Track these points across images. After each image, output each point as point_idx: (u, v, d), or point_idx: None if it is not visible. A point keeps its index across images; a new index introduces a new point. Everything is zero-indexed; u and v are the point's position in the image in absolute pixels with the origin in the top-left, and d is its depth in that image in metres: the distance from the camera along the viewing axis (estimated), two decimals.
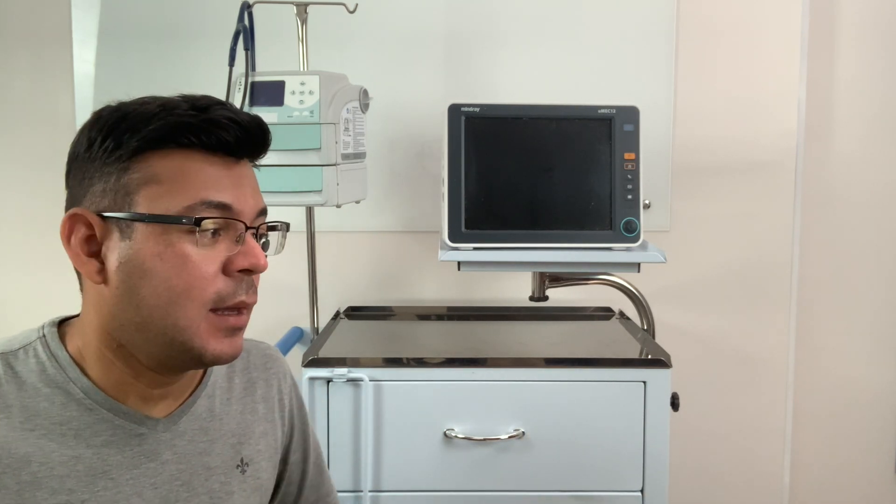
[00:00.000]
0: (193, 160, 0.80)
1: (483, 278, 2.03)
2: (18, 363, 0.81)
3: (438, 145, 1.71)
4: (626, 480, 1.54)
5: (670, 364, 1.53)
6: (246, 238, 0.81)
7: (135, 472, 0.83)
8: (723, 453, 2.09)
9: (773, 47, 2.00)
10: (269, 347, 1.04)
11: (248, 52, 1.61)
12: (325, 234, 1.95)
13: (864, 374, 2.11)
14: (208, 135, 0.80)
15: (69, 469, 0.79)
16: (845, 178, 2.07)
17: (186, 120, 0.79)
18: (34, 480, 0.77)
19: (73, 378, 0.81)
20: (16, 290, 2.06)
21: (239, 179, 0.83)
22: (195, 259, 0.78)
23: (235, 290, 0.81)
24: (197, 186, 0.79)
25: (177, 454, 0.87)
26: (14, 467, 0.77)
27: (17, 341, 0.83)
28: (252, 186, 0.85)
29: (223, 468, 0.91)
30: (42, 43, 2.00)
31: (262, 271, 0.82)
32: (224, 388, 0.95)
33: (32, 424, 0.79)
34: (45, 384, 0.80)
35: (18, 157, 2.03)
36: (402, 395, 1.52)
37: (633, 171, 1.59)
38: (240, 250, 0.81)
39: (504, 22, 1.98)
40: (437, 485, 1.54)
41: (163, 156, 0.79)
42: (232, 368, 0.97)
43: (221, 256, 0.80)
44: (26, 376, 0.80)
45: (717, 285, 2.05)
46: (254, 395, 0.98)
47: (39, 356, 0.82)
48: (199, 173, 0.80)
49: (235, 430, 0.94)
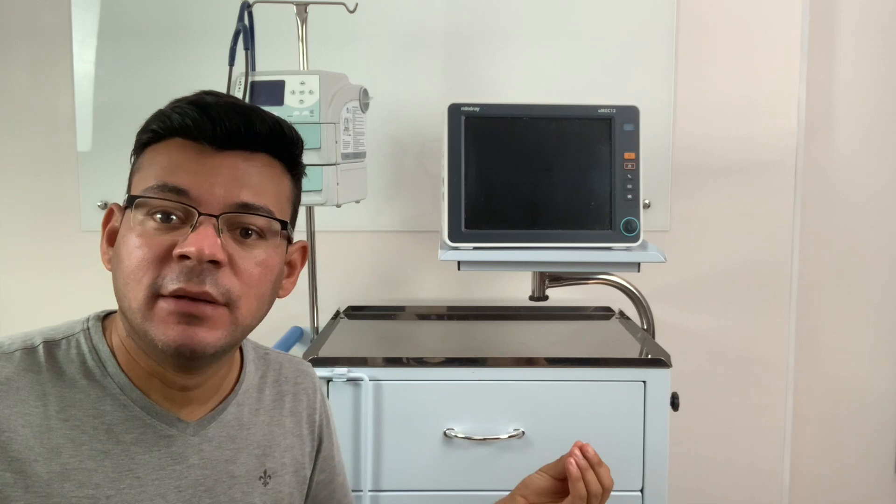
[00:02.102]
0: (171, 149, 0.81)
1: (483, 278, 2.03)
2: (60, 353, 0.82)
3: (438, 145, 1.72)
4: (626, 480, 1.54)
5: (670, 364, 1.53)
6: (199, 225, 0.78)
7: (161, 472, 0.83)
8: (723, 453, 2.09)
9: (773, 47, 2.00)
10: (302, 363, 1.04)
11: (248, 51, 1.61)
12: (325, 233, 1.95)
13: (864, 374, 2.12)
14: (164, 119, 0.81)
15: (97, 464, 0.79)
16: (845, 178, 2.07)
17: (162, 110, 0.82)
18: (64, 471, 0.78)
19: (111, 373, 0.82)
20: (16, 290, 2.06)
21: (214, 168, 0.80)
22: (140, 241, 0.78)
23: (177, 275, 0.77)
24: (159, 172, 0.80)
25: (203, 459, 0.87)
26: (46, 456, 0.77)
27: (60, 331, 0.85)
28: (231, 177, 0.80)
29: (246, 478, 0.91)
30: (42, 42, 2.00)
31: (201, 260, 0.76)
32: (254, 399, 0.94)
33: (67, 415, 0.79)
34: (83, 376, 0.82)
35: (18, 156, 2.03)
36: (402, 394, 1.52)
37: (633, 170, 1.59)
38: (188, 236, 0.77)
39: (504, 21, 1.98)
40: (437, 485, 1.54)
41: (154, 148, 0.82)
42: (264, 380, 0.97)
43: (172, 241, 0.78)
44: (66, 367, 0.82)
45: (717, 285, 2.05)
46: (282, 408, 0.98)
47: (81, 348, 0.83)
48: (167, 159, 0.80)
49: (261, 441, 0.93)
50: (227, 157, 0.81)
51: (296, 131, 0.87)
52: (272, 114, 0.85)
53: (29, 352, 0.81)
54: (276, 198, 0.84)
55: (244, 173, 0.81)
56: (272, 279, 0.84)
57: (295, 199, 0.90)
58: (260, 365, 0.98)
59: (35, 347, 0.82)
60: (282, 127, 0.85)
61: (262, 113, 0.84)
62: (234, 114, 0.81)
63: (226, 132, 0.80)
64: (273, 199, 0.84)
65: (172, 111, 0.81)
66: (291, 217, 0.89)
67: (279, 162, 0.86)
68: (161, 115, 0.82)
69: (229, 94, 0.86)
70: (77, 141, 2.02)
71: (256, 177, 0.82)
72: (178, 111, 0.81)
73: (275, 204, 0.84)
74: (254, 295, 0.82)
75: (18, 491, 0.76)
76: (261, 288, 0.83)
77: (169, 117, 0.81)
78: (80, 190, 2.02)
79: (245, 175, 0.81)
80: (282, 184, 0.86)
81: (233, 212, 0.80)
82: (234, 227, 0.81)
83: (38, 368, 0.81)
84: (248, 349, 0.97)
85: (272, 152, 0.85)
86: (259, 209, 0.82)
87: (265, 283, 0.83)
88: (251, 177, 0.82)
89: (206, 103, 0.81)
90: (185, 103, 0.81)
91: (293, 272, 0.92)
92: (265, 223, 0.82)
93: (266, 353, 1.00)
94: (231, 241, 0.80)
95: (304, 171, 0.92)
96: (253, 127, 0.82)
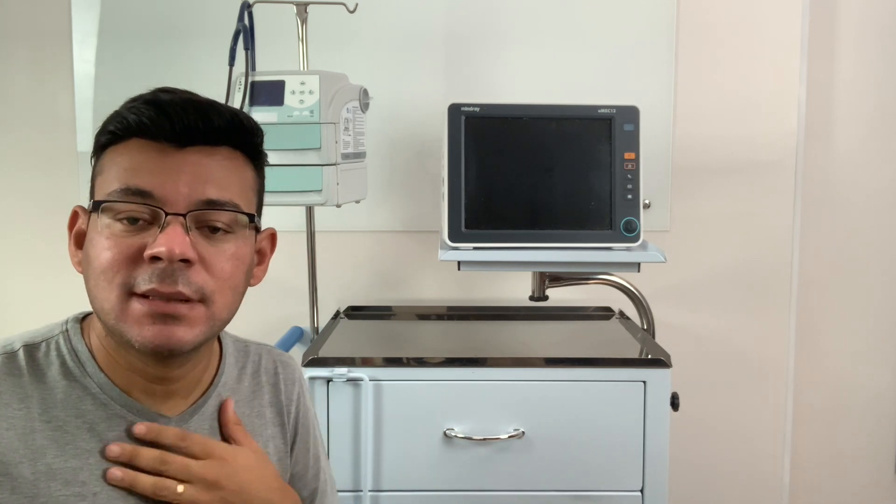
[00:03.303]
0: (131, 150, 0.81)
1: (483, 278, 2.03)
2: (40, 355, 0.84)
3: (438, 145, 1.72)
4: (626, 480, 1.54)
5: (670, 364, 1.53)
6: (167, 225, 0.78)
7: None
8: (723, 453, 2.09)
9: (773, 47, 2.00)
10: (282, 354, 1.04)
11: (248, 51, 1.61)
12: (325, 233, 1.95)
13: (864, 374, 2.11)
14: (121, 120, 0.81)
15: (82, 462, 0.80)
16: (845, 178, 2.07)
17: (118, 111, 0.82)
18: (49, 471, 0.79)
19: (90, 373, 0.83)
20: (16, 290, 2.06)
21: (175, 166, 0.80)
22: (109, 244, 0.79)
23: (149, 276, 0.77)
24: (121, 174, 0.80)
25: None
26: (31, 458, 0.78)
27: (40, 334, 0.86)
28: (194, 175, 0.80)
29: None
30: (42, 42, 2.00)
31: (171, 260, 0.77)
32: (233, 390, 0.95)
33: (49, 416, 0.81)
34: (63, 377, 0.83)
35: (18, 156, 2.03)
36: (402, 394, 1.52)
37: (633, 170, 1.59)
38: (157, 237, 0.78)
39: (504, 22, 1.98)
40: (437, 485, 1.54)
41: (113, 149, 0.82)
42: (243, 371, 0.97)
43: (141, 242, 0.78)
44: (47, 369, 0.83)
45: (717, 285, 2.05)
46: (261, 399, 0.98)
47: (61, 350, 0.84)
48: (128, 161, 0.80)
49: None
50: (189, 154, 0.81)
51: (254, 121, 0.88)
52: (229, 106, 0.86)
53: (9, 356, 0.83)
54: (240, 189, 0.85)
55: (207, 169, 0.82)
56: (244, 271, 0.86)
57: (259, 188, 0.90)
58: (240, 357, 0.99)
59: (15, 352, 0.83)
60: (240, 118, 0.85)
61: (219, 106, 0.84)
62: (190, 110, 0.81)
63: (184, 129, 0.80)
64: (237, 192, 0.84)
65: (129, 111, 0.81)
66: (257, 207, 0.90)
67: (241, 153, 0.86)
68: (118, 115, 0.82)
69: (184, 90, 0.85)
70: (77, 141, 2.02)
71: (219, 171, 0.83)
72: (133, 111, 0.80)
73: (240, 196, 0.84)
74: (228, 288, 0.83)
75: (5, 493, 0.77)
76: (233, 281, 0.84)
77: (126, 118, 0.81)
78: (80, 190, 2.02)
79: (208, 171, 0.82)
80: (245, 175, 0.86)
81: (199, 209, 0.80)
82: (201, 223, 0.81)
83: (20, 372, 0.82)
84: (227, 342, 0.97)
85: (233, 144, 0.85)
86: (225, 204, 0.82)
87: (237, 276, 0.84)
88: (214, 172, 0.82)
89: (162, 101, 0.81)
90: (141, 102, 0.81)
91: (263, 260, 0.93)
92: (232, 218, 0.83)
93: (246, 345, 1.01)
94: (200, 238, 0.81)
95: (267, 159, 0.92)
96: (211, 122, 0.82)
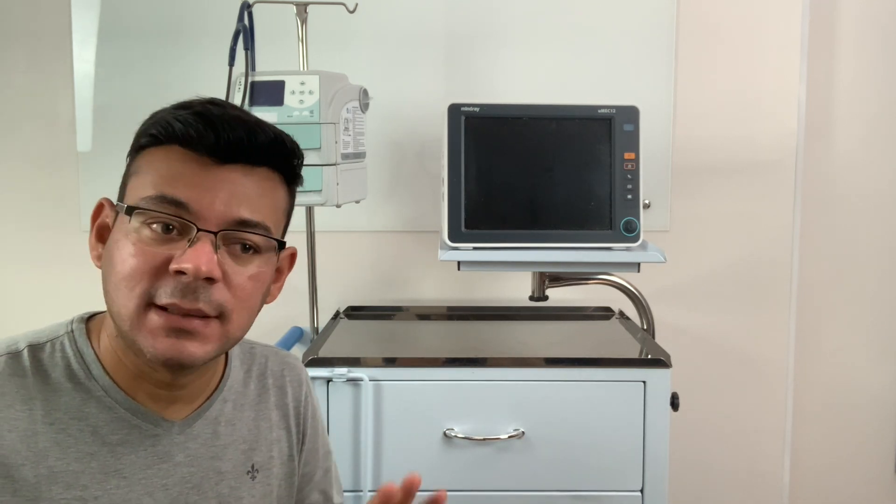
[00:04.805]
0: (171, 157, 0.80)
1: (483, 278, 2.03)
2: (45, 357, 0.83)
3: (438, 145, 1.71)
4: (626, 480, 1.54)
5: (670, 364, 1.53)
6: (197, 241, 0.78)
7: (147, 471, 0.84)
8: (723, 453, 2.09)
9: (773, 47, 2.00)
10: (289, 356, 1.04)
11: (248, 51, 1.61)
12: (325, 234, 1.95)
13: (864, 374, 2.11)
14: (166, 126, 0.80)
15: (84, 465, 0.80)
16: (845, 178, 2.06)
17: (164, 115, 0.81)
18: (51, 474, 0.78)
19: (95, 375, 0.83)
20: (16, 290, 2.06)
21: (214, 182, 0.79)
22: (135, 250, 0.78)
23: (171, 290, 0.77)
24: (158, 181, 0.79)
25: (189, 457, 0.87)
26: (33, 460, 0.78)
27: (44, 335, 0.85)
28: (231, 192, 0.80)
29: (234, 473, 0.91)
30: (42, 42, 2.00)
31: (197, 277, 0.76)
32: (239, 394, 0.95)
33: (52, 419, 0.80)
34: (67, 379, 0.82)
35: (18, 156, 2.03)
36: (402, 395, 1.52)
37: (633, 171, 1.59)
38: (185, 252, 0.77)
39: (504, 22, 1.98)
40: (437, 485, 1.52)
41: (152, 152, 0.81)
42: (248, 374, 0.97)
43: (167, 254, 0.77)
44: (51, 371, 0.82)
45: (717, 285, 2.05)
46: (267, 401, 0.98)
47: (66, 351, 0.83)
48: (166, 168, 0.80)
49: (247, 436, 0.94)
50: (228, 171, 0.81)
51: (296, 143, 0.87)
52: (274, 126, 0.85)
53: (14, 356, 0.82)
54: (272, 211, 0.84)
55: (243, 188, 0.81)
56: (262, 291, 0.85)
57: (289, 210, 0.90)
58: (245, 360, 0.98)
59: (20, 352, 0.82)
60: (283, 139, 0.85)
61: (264, 126, 0.83)
62: (237, 126, 0.80)
63: (228, 145, 0.80)
64: (269, 213, 0.84)
65: (174, 118, 0.80)
66: (284, 228, 0.90)
67: (278, 174, 0.86)
68: (163, 120, 0.81)
69: (234, 105, 0.84)
70: (77, 141, 2.01)
71: (255, 191, 0.82)
72: (180, 119, 0.79)
73: (271, 217, 0.84)
74: (245, 308, 0.83)
75: (6, 495, 0.76)
76: (252, 301, 0.84)
77: (171, 124, 0.80)
78: (80, 190, 2.02)
79: (244, 190, 0.81)
80: (277, 196, 0.86)
81: (230, 229, 0.80)
82: (230, 242, 0.81)
83: (24, 373, 0.81)
84: None
85: (272, 165, 0.84)
86: (256, 226, 0.82)
87: (256, 296, 0.84)
88: (250, 191, 0.82)
89: (211, 114, 0.80)
90: (189, 112, 0.80)
91: (280, 278, 0.92)
92: (262, 240, 0.83)
93: (252, 347, 1.01)
94: (227, 257, 0.80)
95: (302, 181, 0.91)
96: (255, 141, 0.81)
